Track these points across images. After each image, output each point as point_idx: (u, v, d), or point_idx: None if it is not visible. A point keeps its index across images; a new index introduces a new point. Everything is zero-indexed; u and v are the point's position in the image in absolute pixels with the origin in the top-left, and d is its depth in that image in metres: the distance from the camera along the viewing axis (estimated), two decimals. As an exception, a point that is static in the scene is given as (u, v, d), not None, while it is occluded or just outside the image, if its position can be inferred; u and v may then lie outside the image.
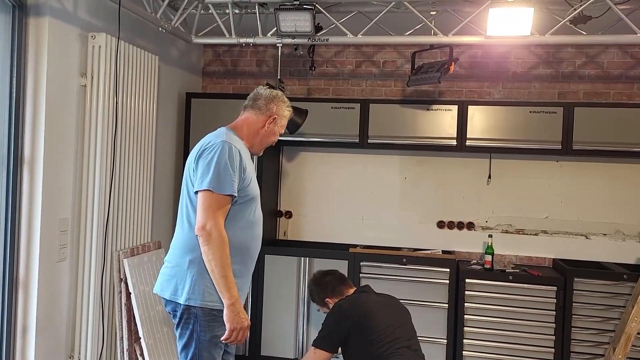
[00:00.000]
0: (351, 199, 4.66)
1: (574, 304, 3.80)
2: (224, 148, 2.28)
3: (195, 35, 3.83)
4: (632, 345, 3.27)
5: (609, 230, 4.26)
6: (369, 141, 4.30)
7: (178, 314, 2.32)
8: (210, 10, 3.66)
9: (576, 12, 3.28)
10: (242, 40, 3.65)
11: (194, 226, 2.28)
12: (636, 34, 3.30)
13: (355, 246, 4.38)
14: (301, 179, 4.74)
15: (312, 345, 2.90)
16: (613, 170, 4.25)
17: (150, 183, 3.74)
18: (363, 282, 4.07)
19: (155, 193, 3.88)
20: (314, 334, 4.13)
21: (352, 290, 3.06)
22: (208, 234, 2.21)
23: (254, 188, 2.44)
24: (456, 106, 4.19)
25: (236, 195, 2.30)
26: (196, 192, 2.29)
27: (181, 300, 2.29)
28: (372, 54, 4.65)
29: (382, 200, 4.63)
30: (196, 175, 2.30)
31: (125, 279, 3.28)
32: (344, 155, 4.64)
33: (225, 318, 2.24)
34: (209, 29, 3.91)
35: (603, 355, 3.69)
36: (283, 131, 2.64)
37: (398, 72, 4.60)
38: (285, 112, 2.57)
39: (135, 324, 3.31)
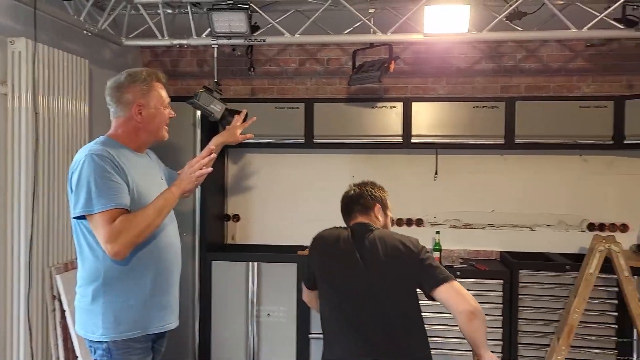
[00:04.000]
0: (300, 200, 4.60)
1: (520, 296, 3.84)
2: (92, 162, 2.01)
3: (126, 38, 3.67)
4: (575, 334, 3.33)
5: (553, 222, 4.33)
6: (315, 140, 4.24)
7: (93, 350, 2.13)
8: (140, 11, 3.51)
9: (511, 8, 3.28)
10: (176, 41, 3.52)
11: (89, 253, 2.09)
12: (570, 29, 3.33)
13: (304, 248, 4.30)
14: (248, 181, 4.64)
15: None
16: (554, 162, 4.31)
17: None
18: (313, 284, 4.02)
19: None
20: (264, 339, 4.09)
21: (352, 222, 2.47)
22: (117, 253, 1.99)
23: (150, 198, 2.13)
24: (401, 103, 4.17)
25: (121, 204, 2.02)
26: (80, 218, 2.05)
27: (92, 336, 2.09)
28: (316, 51, 4.58)
29: (331, 200, 4.51)
30: (73, 198, 2.05)
31: (59, 295, 3.13)
32: (290, 155, 4.56)
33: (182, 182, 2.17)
34: (140, 30, 3.75)
35: (549, 345, 3.75)
36: (168, 99, 2.29)
37: (342, 69, 4.54)
38: (145, 87, 2.19)
39: (72, 343, 3.16)
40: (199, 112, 3.96)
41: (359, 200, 2.47)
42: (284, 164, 4.59)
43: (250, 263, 4.09)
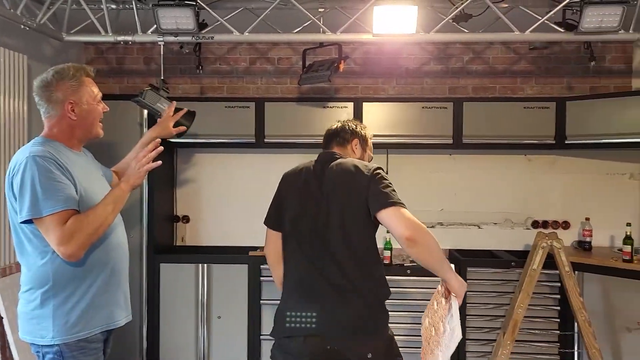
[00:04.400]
0: (251, 200, 4.53)
1: (467, 293, 3.91)
2: (33, 165, 1.94)
3: (67, 33, 3.54)
4: (520, 329, 3.42)
5: (499, 220, 4.45)
6: (266, 140, 4.20)
7: (42, 355, 2.05)
8: (82, 5, 3.39)
9: (458, 10, 3.35)
10: (120, 38, 3.42)
11: (36, 257, 2.02)
12: (514, 31, 3.43)
13: (256, 249, 4.27)
14: (198, 182, 4.56)
15: None
16: (501, 161, 4.43)
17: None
18: (265, 286, 3.99)
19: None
20: (215, 342, 4.03)
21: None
22: (72, 255, 1.94)
23: (94, 195, 2.08)
24: (352, 103, 4.19)
25: (70, 205, 1.96)
26: (26, 222, 1.97)
27: (42, 340, 2.02)
28: (267, 50, 4.54)
29: (283, 200, 4.55)
30: (17, 202, 1.97)
31: (-4, 302, 2.99)
32: (241, 155, 4.51)
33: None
34: (82, 25, 3.62)
35: (495, 340, 3.84)
36: (100, 94, 2.20)
37: (293, 69, 4.52)
38: (75, 84, 2.10)
39: (10, 350, 3.02)
40: (145, 111, 3.85)
41: (339, 133, 2.43)
42: (234, 164, 4.54)
43: (200, 265, 4.02)
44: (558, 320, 3.85)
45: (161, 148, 2.16)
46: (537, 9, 3.46)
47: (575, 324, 3.61)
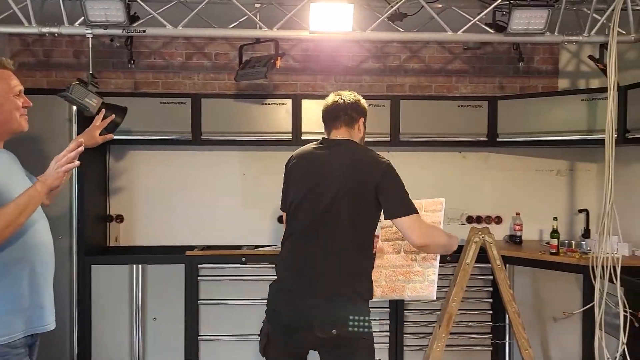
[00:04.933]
0: (188, 199, 4.45)
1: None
2: None
3: (-14, 23, 3.34)
4: (454, 322, 3.51)
5: (435, 215, 4.54)
6: (203, 137, 4.12)
7: None
8: (3, -6, 3.21)
9: (393, 9, 3.39)
10: (45, 29, 3.25)
11: None
12: (447, 31, 3.50)
13: (193, 248, 4.18)
14: (132, 180, 4.42)
15: None
16: (437, 158, 4.53)
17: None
18: (202, 286, 3.92)
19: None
20: (150, 344, 3.92)
21: (330, 135, 2.47)
22: None
23: (15, 193, 2.01)
24: (290, 100, 4.17)
25: None
26: None
27: None
28: (203, 46, 4.45)
29: (222, 198, 4.49)
30: None
31: None
32: (178, 152, 4.40)
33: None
34: (3, 15, 3.42)
35: (431, 333, 3.93)
36: (19, 86, 2.11)
37: (231, 64, 4.45)
38: None
39: None
40: (74, 107, 3.69)
41: (347, 111, 2.43)
42: (170, 162, 4.43)
43: (135, 265, 3.90)
44: (490, 312, 3.98)
45: (81, 149, 2.07)
46: (469, 10, 3.56)
47: (506, 315, 3.73)
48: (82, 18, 3.25)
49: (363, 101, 2.51)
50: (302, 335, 2.25)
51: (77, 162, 2.06)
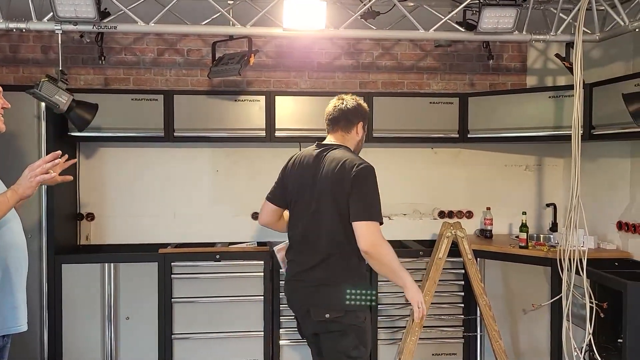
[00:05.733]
0: (161, 196, 4.41)
1: (379, 283, 4.03)
2: None
3: (-50, 18, 3.25)
4: (427, 315, 3.57)
5: (408, 210, 4.61)
6: (176, 134, 4.08)
7: None
8: (-32, -11, 3.13)
9: (366, 7, 3.42)
10: (13, 25, 3.18)
11: None
12: (419, 29, 3.55)
13: (166, 245, 4.15)
14: (103, 177, 4.35)
15: None
16: (409, 154, 4.58)
17: None
18: (176, 284, 3.89)
19: None
20: (123, 344, 3.89)
21: (327, 137, 2.74)
22: None
23: None
24: (264, 97, 4.16)
25: None
26: None
27: None
28: (175, 42, 4.41)
29: (195, 195, 4.46)
30: None
31: None
32: (149, 149, 4.36)
33: None
34: (-32, 10, 3.34)
35: (405, 327, 3.98)
36: None
37: (203, 61, 4.42)
38: None
39: None
40: (43, 103, 3.61)
41: (347, 116, 2.66)
42: (142, 159, 4.38)
43: (107, 264, 3.85)
44: (462, 305, 4.06)
45: (59, 161, 2.03)
46: (440, 8, 3.61)
47: (478, 308, 3.82)
48: (51, 14, 3.18)
49: (364, 105, 2.73)
50: (304, 319, 2.60)
51: (53, 174, 2.00)
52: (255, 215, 4.48)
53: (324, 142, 2.70)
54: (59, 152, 2.02)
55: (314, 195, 2.53)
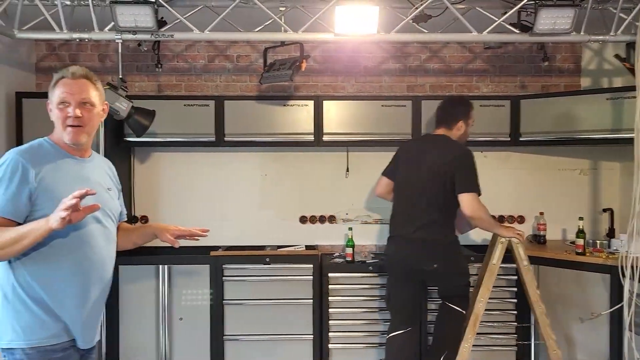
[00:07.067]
0: (211, 199, 4.49)
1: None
2: (4, 162, 1.97)
3: (18, 30, 3.38)
4: (481, 322, 3.51)
5: (457, 215, 4.54)
6: (226, 139, 4.16)
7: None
8: (35, 1, 3.25)
9: (417, 10, 3.40)
10: (76, 35, 3.29)
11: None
12: (471, 32, 3.50)
13: (217, 248, 4.22)
14: (156, 181, 4.47)
15: None
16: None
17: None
18: (227, 286, 3.96)
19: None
20: (177, 344, 3.97)
21: (435, 129, 3.63)
22: None
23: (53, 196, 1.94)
24: (312, 101, 4.19)
25: (7, 215, 1.90)
26: None
27: (2, 343, 1.95)
28: (225, 48, 4.49)
29: (243, 199, 4.52)
30: None
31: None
32: (200, 154, 4.44)
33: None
34: (35, 22, 3.47)
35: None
36: (61, 96, 2.05)
37: (253, 66, 4.49)
38: (52, 85, 2.09)
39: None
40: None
41: (447, 117, 3.56)
42: (193, 163, 4.47)
43: (161, 266, 3.95)
44: (515, 312, 3.97)
45: (77, 201, 1.81)
46: (493, 10, 3.55)
47: (532, 316, 3.73)
48: (112, 24, 3.28)
49: (467, 104, 3.60)
50: (407, 270, 3.44)
51: (66, 213, 1.80)
52: (302, 219, 4.52)
53: (429, 134, 3.68)
54: (87, 190, 1.82)
55: (420, 173, 3.36)
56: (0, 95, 3.82)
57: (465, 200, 3.25)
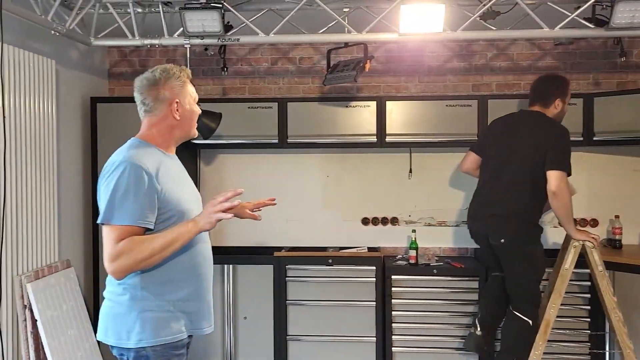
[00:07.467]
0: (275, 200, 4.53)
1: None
2: (124, 170, 1.90)
3: (94, 37, 3.55)
4: (552, 329, 3.38)
5: (525, 218, 4.38)
6: (289, 140, 4.19)
7: (125, 359, 2.02)
8: (109, 10, 3.40)
9: (485, 7, 3.31)
10: (147, 41, 3.42)
11: None
12: (542, 28, 3.38)
13: (280, 249, 4.27)
14: (221, 182, 4.56)
15: None
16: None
17: (54, 196, 3.46)
18: (290, 286, 4.00)
19: (61, 207, 3.60)
20: (241, 342, 4.04)
21: (529, 106, 3.55)
22: (112, 274, 1.90)
23: (183, 202, 2.03)
24: (374, 102, 4.16)
25: (144, 224, 1.91)
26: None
27: (129, 343, 1.97)
28: (288, 50, 4.54)
29: (306, 200, 4.55)
30: (100, 202, 1.96)
31: (30, 305, 3.01)
32: (264, 155, 4.51)
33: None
34: (109, 29, 3.63)
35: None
36: (195, 96, 2.19)
37: (315, 68, 4.51)
38: (180, 83, 2.11)
39: (44, 353, 3.05)
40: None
41: (544, 95, 3.46)
42: (257, 165, 4.53)
43: (226, 265, 4.03)
44: (588, 319, 3.80)
45: (238, 202, 2.01)
46: (565, 4, 3.41)
47: (607, 323, 3.56)
48: (181, 29, 3.38)
49: (565, 82, 3.50)
50: (484, 242, 3.50)
51: (230, 215, 1.93)
52: (365, 221, 4.49)
53: (524, 110, 3.58)
54: (241, 190, 1.94)
55: (510, 147, 3.34)
56: (76, 100, 4.02)
57: (553, 177, 3.18)
